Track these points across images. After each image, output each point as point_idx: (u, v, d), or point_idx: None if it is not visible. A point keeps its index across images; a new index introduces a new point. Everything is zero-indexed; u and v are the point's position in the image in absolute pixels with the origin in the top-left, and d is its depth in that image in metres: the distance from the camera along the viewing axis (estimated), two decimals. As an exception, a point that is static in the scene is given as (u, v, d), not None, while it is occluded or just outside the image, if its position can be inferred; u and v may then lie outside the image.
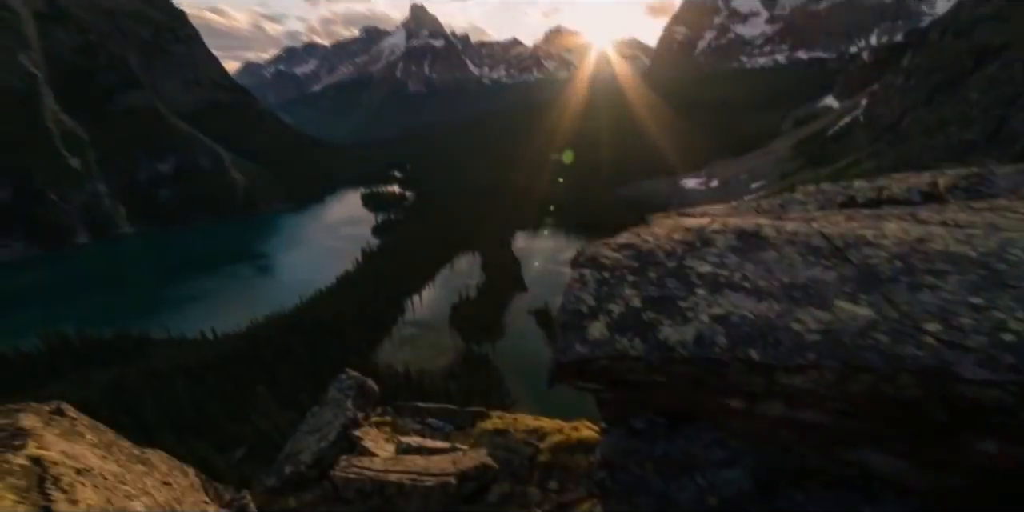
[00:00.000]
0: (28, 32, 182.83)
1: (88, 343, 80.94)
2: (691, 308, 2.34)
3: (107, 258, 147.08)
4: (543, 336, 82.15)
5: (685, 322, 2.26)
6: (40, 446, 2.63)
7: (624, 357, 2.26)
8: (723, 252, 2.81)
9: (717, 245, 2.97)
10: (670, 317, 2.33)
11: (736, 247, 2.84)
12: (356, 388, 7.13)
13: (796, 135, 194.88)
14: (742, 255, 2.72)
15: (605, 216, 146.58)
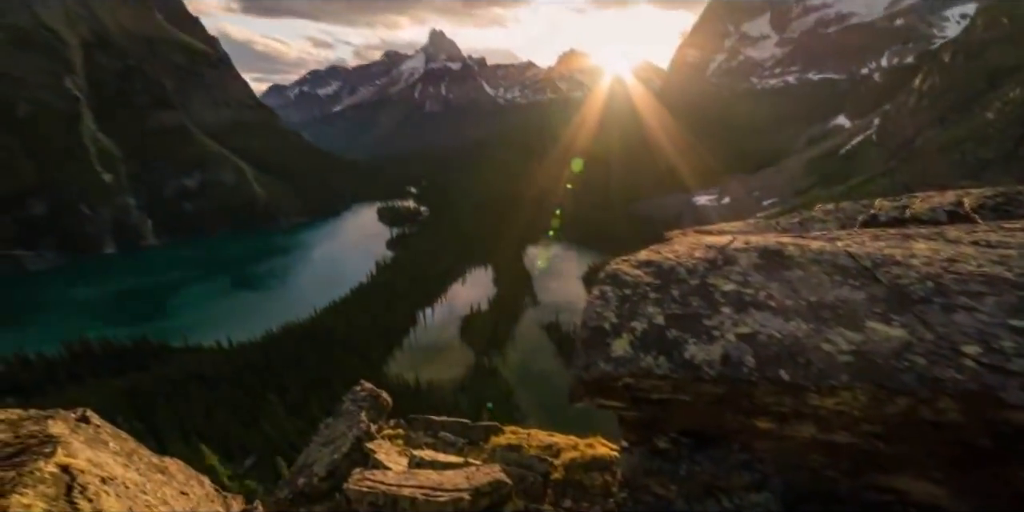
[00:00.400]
0: (75, 58, 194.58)
1: (108, 350, 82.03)
2: (716, 327, 2.30)
3: (131, 268, 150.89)
4: (554, 350, 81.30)
5: (711, 341, 2.23)
6: (68, 454, 2.63)
7: (649, 375, 2.23)
8: (747, 270, 2.76)
9: (740, 263, 2.93)
10: (695, 335, 2.28)
11: (760, 265, 2.79)
12: (370, 400, 7.08)
13: (808, 153, 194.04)
14: (767, 274, 2.67)
15: (617, 232, 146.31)
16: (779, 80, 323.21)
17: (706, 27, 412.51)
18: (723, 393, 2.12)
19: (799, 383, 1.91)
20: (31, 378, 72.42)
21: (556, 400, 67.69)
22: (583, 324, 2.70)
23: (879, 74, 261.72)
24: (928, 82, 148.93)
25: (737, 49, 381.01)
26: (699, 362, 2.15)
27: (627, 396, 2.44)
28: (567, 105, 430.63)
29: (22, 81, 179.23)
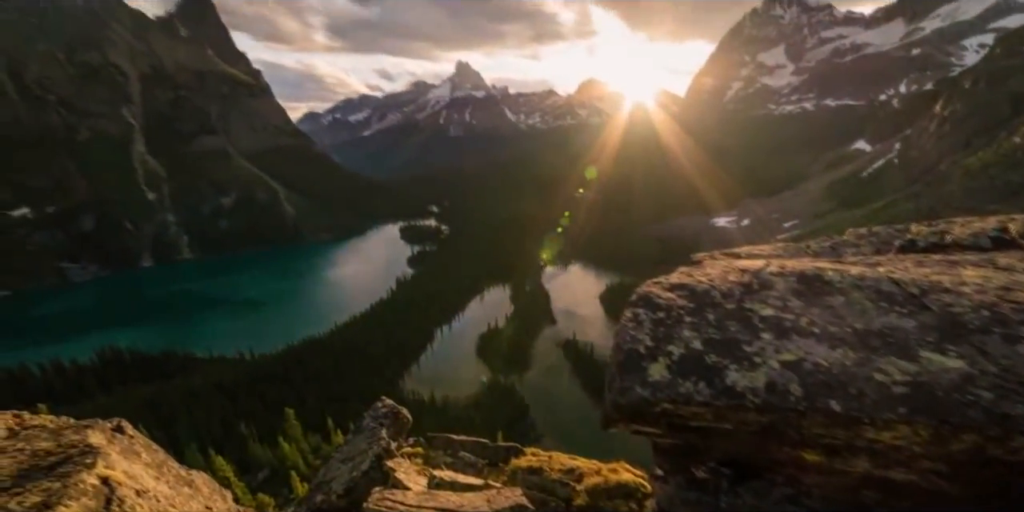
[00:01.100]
0: (133, 90, 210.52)
1: (137, 359, 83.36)
2: (758, 353, 2.20)
3: (165, 281, 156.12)
4: (570, 369, 79.58)
5: (753, 367, 2.13)
6: (107, 465, 2.63)
7: (689, 402, 2.13)
8: (785, 295, 2.65)
9: (777, 288, 2.82)
10: (736, 362, 2.19)
11: (799, 291, 2.67)
12: (391, 417, 6.96)
13: (828, 177, 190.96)
14: (806, 299, 2.55)
15: (636, 253, 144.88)
16: (796, 106, 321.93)
17: (722, 57, 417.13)
18: (768, 422, 1.99)
19: (852, 415, 1.79)
20: (63, 385, 73.78)
21: (572, 420, 65.73)
22: (616, 347, 2.60)
23: (897, 100, 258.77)
24: (949, 108, 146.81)
25: (753, 77, 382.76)
26: (742, 389, 2.04)
27: (664, 423, 2.32)
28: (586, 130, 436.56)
29: (86, 110, 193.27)
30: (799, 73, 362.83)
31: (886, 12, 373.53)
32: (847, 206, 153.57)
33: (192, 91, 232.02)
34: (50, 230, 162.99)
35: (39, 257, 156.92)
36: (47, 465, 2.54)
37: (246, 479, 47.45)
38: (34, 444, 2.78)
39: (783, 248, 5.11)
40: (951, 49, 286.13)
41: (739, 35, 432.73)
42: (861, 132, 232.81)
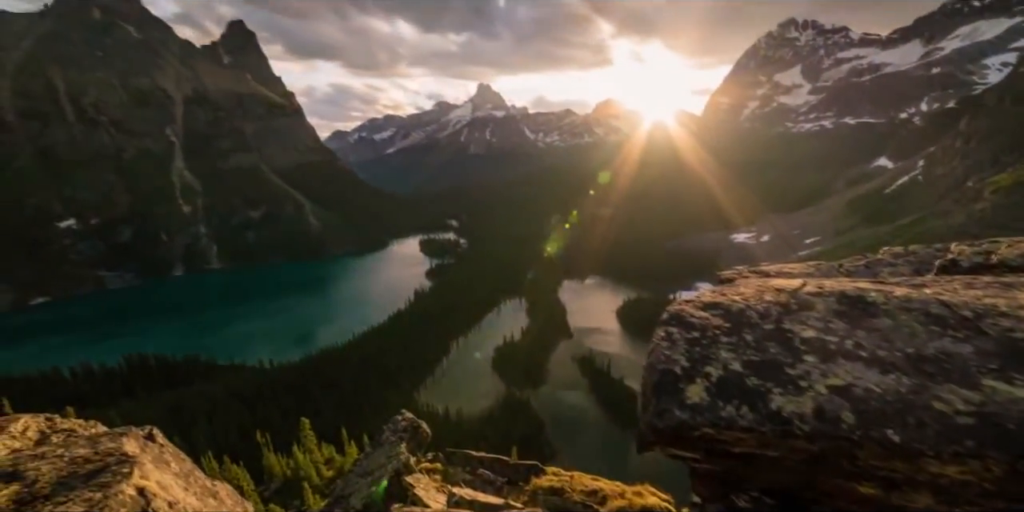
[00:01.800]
0: (177, 111, 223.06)
1: (161, 365, 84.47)
2: (803, 376, 2.07)
3: (194, 289, 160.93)
4: (587, 385, 77.76)
5: (799, 392, 1.99)
6: (143, 475, 2.62)
7: (731, 426, 2.00)
8: (826, 316, 2.50)
9: (817, 309, 2.65)
10: (780, 385, 2.06)
11: (841, 312, 2.52)
12: (411, 431, 6.83)
13: (849, 194, 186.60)
14: (850, 321, 2.40)
15: (654, 268, 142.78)
16: (814, 124, 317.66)
17: (737, 78, 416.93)
18: (819, 451, 1.84)
19: (913, 446, 1.65)
20: (92, 388, 75.08)
21: (588, 437, 63.94)
22: (650, 366, 2.48)
23: (919, 118, 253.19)
24: (974, 125, 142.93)
25: (770, 96, 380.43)
26: (788, 415, 1.90)
27: (703, 447, 2.19)
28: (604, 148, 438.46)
29: (133, 130, 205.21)
30: (816, 92, 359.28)
31: (903, 33, 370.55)
32: (870, 223, 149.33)
33: (230, 112, 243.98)
34: (92, 240, 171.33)
35: (81, 265, 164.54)
36: (85, 473, 2.54)
37: (259, 489, 46.96)
38: (72, 451, 2.79)
39: (815, 267, 4.92)
40: (972, 68, 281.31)
41: (755, 56, 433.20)
42: (882, 149, 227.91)
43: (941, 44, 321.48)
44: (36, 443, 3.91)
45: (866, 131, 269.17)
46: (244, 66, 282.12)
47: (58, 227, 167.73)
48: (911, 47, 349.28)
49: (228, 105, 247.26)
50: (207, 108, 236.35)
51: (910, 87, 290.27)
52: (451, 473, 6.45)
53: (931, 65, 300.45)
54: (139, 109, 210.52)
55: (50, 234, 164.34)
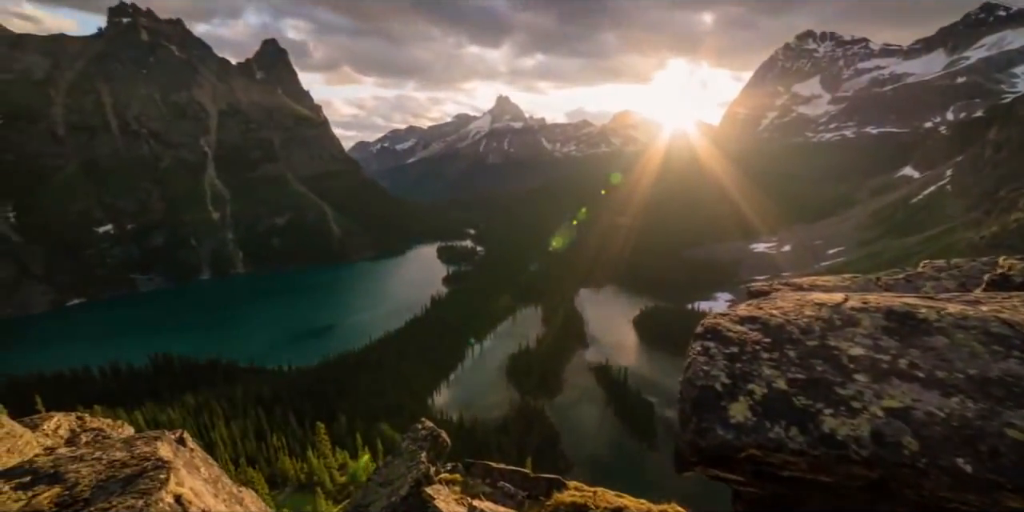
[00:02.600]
0: (211, 124, 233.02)
1: (185, 366, 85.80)
2: (855, 397, 1.94)
3: (219, 292, 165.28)
4: (603, 396, 76.23)
5: (853, 413, 1.87)
6: (178, 481, 2.63)
7: (780, 448, 1.87)
8: (874, 333, 2.29)
9: (864, 325, 2.40)
10: (831, 406, 1.93)
11: (889, 329, 2.30)
12: (431, 440, 6.70)
13: (873, 204, 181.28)
14: (901, 339, 2.20)
15: (671, 277, 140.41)
16: (835, 134, 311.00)
17: (755, 89, 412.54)
18: (878, 479, 1.71)
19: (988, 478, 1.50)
20: (119, 388, 76.69)
21: (605, 450, 62.37)
22: (688, 382, 2.27)
23: (945, 127, 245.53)
24: (1005, 134, 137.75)
25: (789, 107, 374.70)
26: (843, 438, 1.78)
27: (749, 469, 2.00)
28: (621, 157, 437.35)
29: (170, 142, 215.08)
30: (836, 102, 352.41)
31: (926, 43, 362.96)
32: (896, 233, 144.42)
33: (260, 124, 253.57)
34: (127, 245, 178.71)
35: (116, 269, 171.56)
36: (123, 477, 2.55)
37: (272, 493, 46.80)
38: (110, 454, 2.83)
39: (850, 280, 4.70)
40: (1000, 77, 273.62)
41: (772, 68, 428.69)
42: (907, 159, 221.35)
43: (966, 54, 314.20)
44: (66, 441, 4.00)
45: (889, 141, 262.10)
46: (275, 81, 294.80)
47: (97, 232, 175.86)
48: (934, 57, 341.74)
49: (259, 117, 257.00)
50: (239, 120, 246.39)
51: (934, 96, 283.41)
52: (471, 485, 6.27)
53: (956, 74, 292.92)
54: (177, 122, 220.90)
55: (89, 239, 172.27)
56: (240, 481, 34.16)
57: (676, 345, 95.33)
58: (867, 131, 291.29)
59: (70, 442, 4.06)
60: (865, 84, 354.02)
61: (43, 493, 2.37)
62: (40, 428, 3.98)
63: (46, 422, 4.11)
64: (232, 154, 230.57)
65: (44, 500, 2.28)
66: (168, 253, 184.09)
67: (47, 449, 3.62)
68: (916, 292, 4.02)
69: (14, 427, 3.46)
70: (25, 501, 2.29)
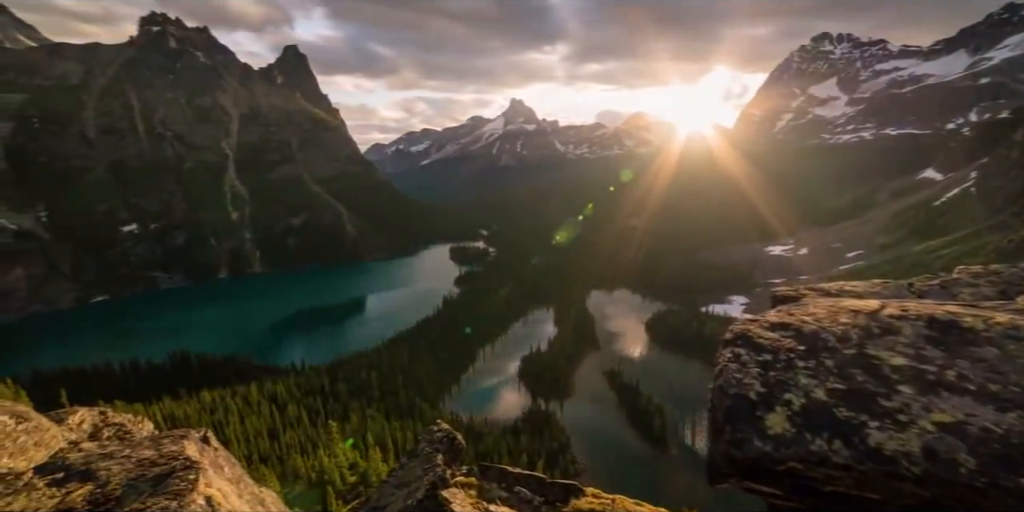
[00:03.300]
0: (232, 127, 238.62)
1: (202, 364, 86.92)
2: (901, 410, 1.84)
3: (235, 291, 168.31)
4: (615, 400, 75.32)
5: (901, 427, 1.75)
6: (207, 482, 2.63)
7: (824, 462, 1.77)
8: (916, 343, 2.21)
9: (904, 333, 2.30)
10: (876, 418, 1.83)
11: (933, 338, 2.21)
12: (447, 442, 6.64)
13: (893, 206, 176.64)
14: (947, 349, 2.11)
15: (686, 280, 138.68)
16: (853, 136, 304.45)
17: (770, 91, 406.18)
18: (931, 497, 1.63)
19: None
20: (138, 383, 78.27)
21: (616, 455, 61.38)
22: (720, 390, 2.19)
23: (969, 129, 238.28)
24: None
25: (804, 109, 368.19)
26: (892, 453, 1.67)
27: (788, 483, 1.91)
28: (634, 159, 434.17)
29: (194, 144, 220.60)
30: (854, 104, 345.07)
31: (946, 44, 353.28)
32: (918, 236, 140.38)
33: (280, 127, 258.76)
34: (150, 244, 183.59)
35: (138, 267, 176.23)
36: (153, 476, 2.57)
37: (283, 491, 46.94)
38: (138, 452, 2.86)
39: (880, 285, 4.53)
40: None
41: (787, 69, 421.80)
42: (928, 161, 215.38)
43: (989, 54, 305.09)
44: (90, 436, 4.07)
45: (909, 142, 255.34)
46: (295, 86, 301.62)
47: (121, 231, 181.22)
48: (955, 58, 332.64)
49: (278, 121, 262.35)
50: (259, 123, 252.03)
51: (956, 97, 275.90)
52: (486, 489, 6.16)
53: (979, 75, 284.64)
54: (200, 125, 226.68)
55: (114, 238, 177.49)
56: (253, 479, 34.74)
57: (689, 349, 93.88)
58: (886, 133, 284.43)
59: (93, 437, 4.13)
60: (883, 85, 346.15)
61: (76, 490, 2.39)
62: (65, 422, 4.04)
63: (70, 416, 4.18)
64: (252, 156, 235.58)
65: (77, 497, 2.30)
66: (188, 252, 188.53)
67: (71, 443, 3.68)
68: (953, 299, 3.87)
69: (41, 421, 3.52)
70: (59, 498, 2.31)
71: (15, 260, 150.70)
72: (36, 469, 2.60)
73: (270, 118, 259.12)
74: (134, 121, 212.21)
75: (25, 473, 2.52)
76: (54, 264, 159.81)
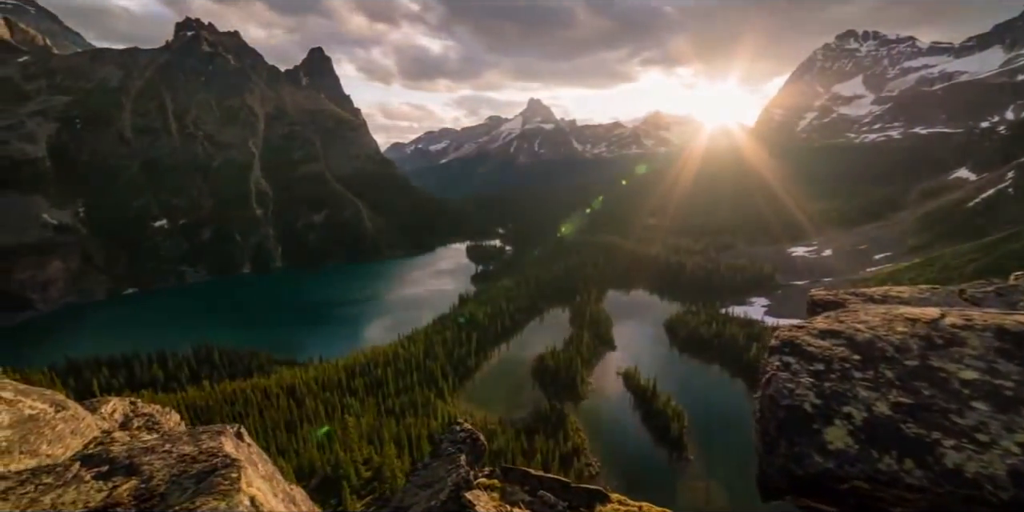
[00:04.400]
0: (259, 126, 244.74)
1: (224, 356, 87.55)
2: (978, 428, 1.69)
3: (258, 286, 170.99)
4: (631, 402, 73.66)
5: (981, 448, 1.60)
6: (248, 481, 2.60)
7: (895, 483, 1.64)
8: (987, 355, 2.08)
9: (971, 345, 2.18)
10: (950, 437, 1.69)
11: (1005, 351, 2.09)
12: (469, 443, 6.59)
13: (924, 207, 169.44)
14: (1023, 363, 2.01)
15: (704, 280, 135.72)
16: (880, 135, 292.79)
17: (793, 90, 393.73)
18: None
19: None
20: (164, 374, 79.31)
21: (633, 459, 59.01)
22: (771, 400, 2.07)
23: (1005, 127, 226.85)
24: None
25: (829, 108, 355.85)
26: (973, 476, 1.53)
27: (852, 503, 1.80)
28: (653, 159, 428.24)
29: (222, 143, 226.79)
30: (881, 102, 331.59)
31: (980, 40, 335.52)
32: (951, 238, 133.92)
33: (304, 126, 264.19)
34: (178, 239, 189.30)
35: (166, 261, 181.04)
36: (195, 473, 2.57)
37: (301, 484, 47.01)
38: (179, 447, 2.87)
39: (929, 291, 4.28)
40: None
41: (811, 68, 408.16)
42: (961, 160, 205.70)
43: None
44: (120, 425, 4.15)
45: (941, 141, 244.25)
46: (319, 87, 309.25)
47: (152, 227, 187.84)
48: (990, 54, 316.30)
49: (302, 120, 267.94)
50: (284, 123, 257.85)
51: (992, 95, 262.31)
52: (509, 492, 6.04)
53: (1016, 72, 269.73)
54: (229, 125, 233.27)
55: (145, 233, 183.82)
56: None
57: (709, 351, 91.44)
58: (915, 132, 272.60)
59: (124, 426, 4.21)
60: (912, 83, 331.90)
61: (122, 485, 2.39)
62: (98, 411, 4.14)
63: (103, 405, 4.29)
64: (277, 154, 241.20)
65: (123, 492, 2.30)
66: (213, 247, 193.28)
67: (104, 432, 3.76)
68: (1012, 308, 3.61)
69: (78, 410, 3.59)
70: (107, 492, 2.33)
71: (55, 253, 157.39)
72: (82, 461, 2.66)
73: (295, 118, 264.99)
74: (167, 121, 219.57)
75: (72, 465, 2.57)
76: (89, 257, 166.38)
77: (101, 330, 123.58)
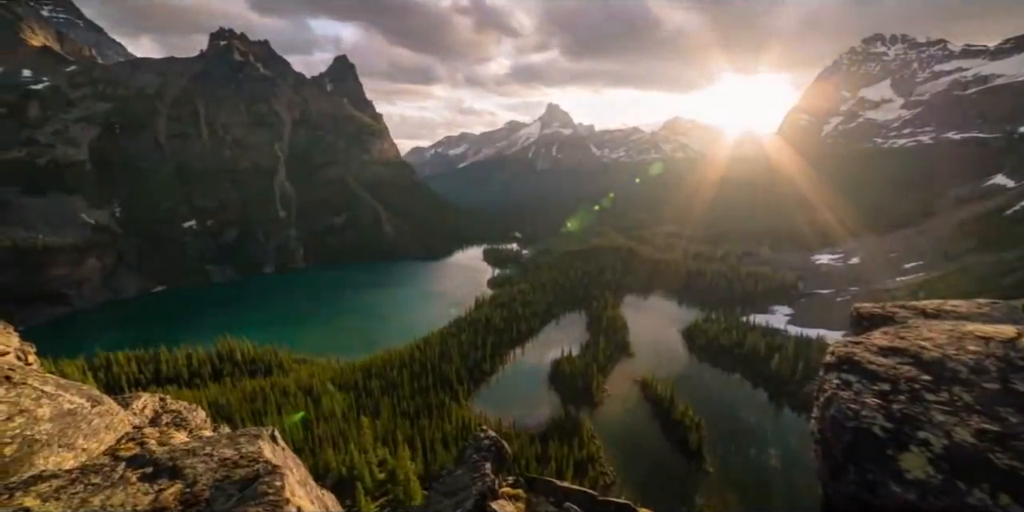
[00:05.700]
0: (284, 131, 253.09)
1: (246, 353, 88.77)
2: None
3: (280, 285, 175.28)
4: (648, 411, 72.04)
5: None
6: (291, 490, 2.54)
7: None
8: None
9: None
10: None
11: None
12: (495, 451, 6.49)
13: (958, 214, 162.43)
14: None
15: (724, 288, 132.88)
16: (910, 140, 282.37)
17: (817, 94, 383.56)
18: None
19: None
20: (187, 370, 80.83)
21: (649, 469, 57.86)
22: (834, 422, 1.94)
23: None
24: None
25: (855, 112, 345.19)
26: None
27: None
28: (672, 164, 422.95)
29: (249, 147, 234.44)
30: (910, 106, 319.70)
31: (1017, 42, 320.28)
32: (987, 247, 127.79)
33: (327, 131, 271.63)
34: (205, 239, 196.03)
35: (194, 260, 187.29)
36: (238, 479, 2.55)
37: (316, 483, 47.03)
38: (219, 450, 2.85)
39: (989, 305, 4.03)
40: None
41: (836, 72, 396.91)
42: (998, 166, 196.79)
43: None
44: (150, 421, 4.20)
45: (975, 147, 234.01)
46: (343, 93, 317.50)
47: (182, 227, 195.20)
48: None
49: (326, 125, 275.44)
50: (308, 127, 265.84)
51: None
52: (534, 502, 5.89)
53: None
54: (256, 130, 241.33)
55: (174, 233, 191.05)
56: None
57: (729, 360, 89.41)
58: (947, 137, 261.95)
59: (153, 422, 4.27)
60: (944, 87, 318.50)
61: (167, 488, 2.34)
62: (130, 407, 4.21)
63: (135, 401, 4.36)
64: (301, 158, 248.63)
65: (169, 496, 2.27)
66: (239, 248, 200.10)
67: (135, 427, 3.80)
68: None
69: (112, 405, 3.62)
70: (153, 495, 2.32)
71: (91, 252, 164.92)
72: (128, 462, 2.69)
73: (319, 123, 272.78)
74: (199, 127, 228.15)
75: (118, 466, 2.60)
76: (122, 256, 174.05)
77: (130, 326, 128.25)
